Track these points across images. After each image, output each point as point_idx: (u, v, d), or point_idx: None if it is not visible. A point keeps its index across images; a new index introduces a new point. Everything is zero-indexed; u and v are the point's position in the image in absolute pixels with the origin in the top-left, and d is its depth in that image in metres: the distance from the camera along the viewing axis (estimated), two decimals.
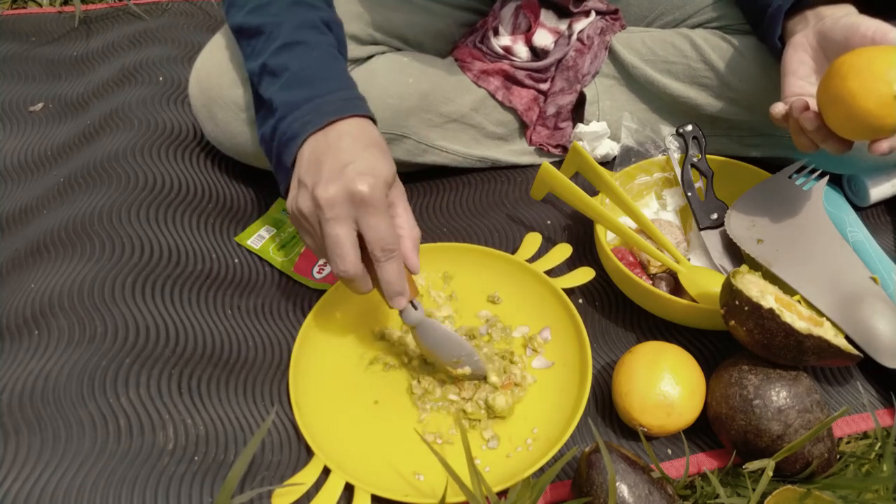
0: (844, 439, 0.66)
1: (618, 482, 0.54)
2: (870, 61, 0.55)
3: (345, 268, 0.57)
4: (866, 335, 0.64)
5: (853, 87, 0.55)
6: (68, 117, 0.96)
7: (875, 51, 0.56)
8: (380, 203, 0.56)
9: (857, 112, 0.55)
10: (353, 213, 0.56)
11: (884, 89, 0.54)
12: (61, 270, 0.73)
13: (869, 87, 0.54)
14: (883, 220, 0.85)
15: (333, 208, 0.56)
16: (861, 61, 0.55)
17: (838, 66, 0.57)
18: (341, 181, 0.56)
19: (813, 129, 0.60)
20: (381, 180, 0.57)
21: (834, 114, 0.58)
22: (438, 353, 0.64)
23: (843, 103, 0.56)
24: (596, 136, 0.88)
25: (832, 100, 0.57)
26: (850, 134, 0.58)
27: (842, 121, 0.57)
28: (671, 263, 0.73)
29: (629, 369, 0.63)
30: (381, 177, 0.57)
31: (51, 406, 0.62)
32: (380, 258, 0.57)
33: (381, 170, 0.57)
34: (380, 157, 0.58)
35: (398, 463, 0.63)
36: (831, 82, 0.57)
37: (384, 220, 0.57)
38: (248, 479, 0.61)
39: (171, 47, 1.04)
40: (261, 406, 0.66)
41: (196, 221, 0.79)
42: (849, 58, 0.56)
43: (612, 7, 0.89)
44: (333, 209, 0.56)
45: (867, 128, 0.56)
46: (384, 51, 0.82)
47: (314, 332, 0.70)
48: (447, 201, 0.87)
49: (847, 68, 0.56)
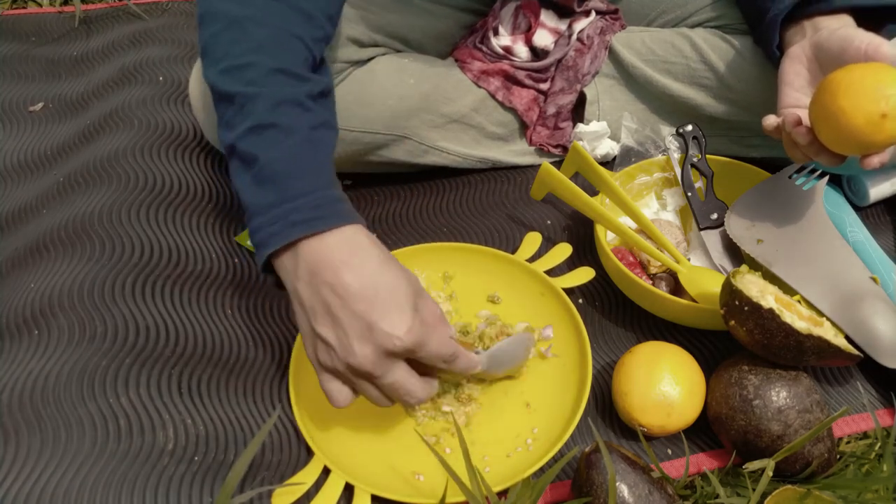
0: (844, 439, 0.66)
1: (618, 482, 0.54)
2: (859, 79, 0.56)
3: (419, 398, 0.54)
4: (866, 335, 0.64)
5: (843, 105, 0.56)
6: (68, 117, 0.96)
7: (865, 68, 0.57)
8: (421, 341, 0.51)
9: (847, 129, 0.56)
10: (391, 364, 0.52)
11: (872, 107, 0.55)
12: (61, 270, 0.73)
13: (858, 105, 0.55)
14: (883, 220, 0.85)
15: (380, 367, 0.52)
16: (851, 79, 0.56)
17: (829, 82, 0.58)
18: (372, 344, 0.50)
19: (805, 143, 0.61)
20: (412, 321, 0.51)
21: (825, 130, 0.59)
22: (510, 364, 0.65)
23: (833, 120, 0.57)
24: (596, 136, 0.88)
25: (823, 116, 0.58)
26: (842, 149, 0.59)
27: (833, 137, 0.58)
28: (671, 263, 0.73)
29: (629, 369, 0.63)
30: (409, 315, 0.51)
31: (51, 406, 0.62)
32: (444, 368, 0.55)
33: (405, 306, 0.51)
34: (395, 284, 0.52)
35: (398, 463, 0.63)
36: (822, 99, 0.58)
37: (432, 346, 0.52)
38: (248, 479, 0.61)
39: (171, 47, 1.04)
40: (261, 406, 0.66)
41: (196, 221, 0.79)
42: (839, 75, 0.57)
43: (612, 7, 0.89)
44: (381, 367, 0.52)
45: (857, 144, 0.57)
46: (385, 52, 0.82)
47: None
48: (447, 201, 0.87)
49: (837, 85, 0.57)
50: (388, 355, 0.51)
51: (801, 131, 0.61)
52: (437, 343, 0.53)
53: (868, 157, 0.58)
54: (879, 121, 0.55)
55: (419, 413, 0.66)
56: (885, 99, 0.54)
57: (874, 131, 0.55)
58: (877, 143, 0.56)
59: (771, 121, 0.65)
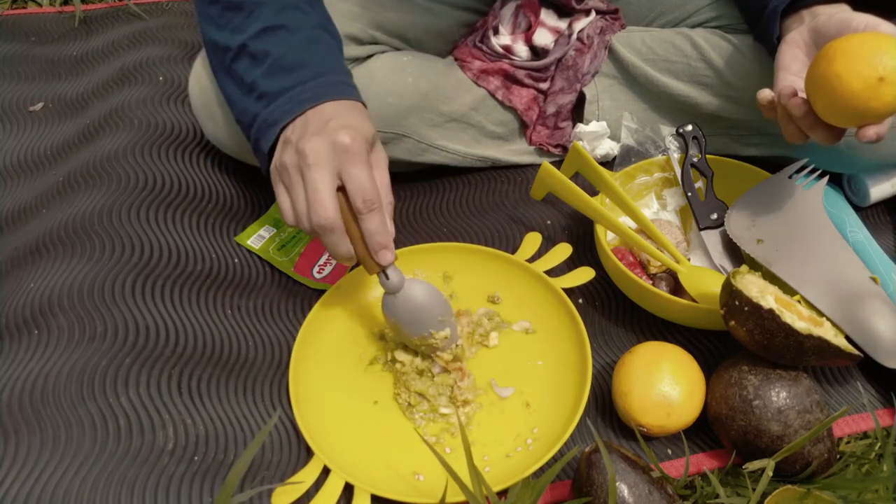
0: (844, 439, 0.66)
1: (618, 482, 0.54)
2: (857, 45, 0.55)
3: (325, 215, 0.57)
4: (866, 335, 0.64)
5: (839, 70, 0.54)
6: (68, 117, 0.96)
7: (863, 35, 0.56)
8: (361, 154, 0.58)
9: (843, 95, 0.55)
10: (336, 162, 0.57)
11: (869, 71, 0.53)
12: (61, 270, 0.73)
13: (854, 69, 0.54)
14: (883, 220, 0.85)
15: (317, 155, 0.57)
16: (848, 45, 0.55)
17: (825, 49, 0.56)
18: (324, 133, 0.58)
19: (800, 115, 0.60)
20: (363, 134, 0.59)
21: (820, 98, 0.57)
22: (422, 317, 0.63)
23: (829, 87, 0.55)
24: (596, 136, 0.88)
25: (819, 83, 0.57)
26: (837, 119, 0.58)
27: (828, 105, 0.57)
28: (671, 263, 0.73)
29: (629, 369, 0.63)
30: (363, 131, 0.59)
31: (51, 406, 0.62)
32: (361, 209, 0.58)
33: (363, 126, 0.60)
34: (360, 117, 0.61)
35: (398, 463, 0.63)
36: (818, 66, 0.57)
37: (366, 171, 0.58)
38: (247, 479, 0.61)
39: (171, 47, 1.04)
40: (261, 406, 0.66)
41: (196, 221, 0.79)
42: (837, 42, 0.56)
43: (612, 6, 0.89)
44: (317, 156, 0.57)
45: (853, 111, 0.56)
46: (384, 50, 0.82)
47: (314, 333, 0.70)
48: (447, 201, 0.87)
49: (834, 51, 0.55)
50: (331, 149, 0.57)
51: (796, 102, 0.60)
52: (368, 175, 0.58)
53: (864, 127, 0.57)
54: (876, 84, 0.53)
55: (417, 416, 0.66)
56: (882, 63, 0.53)
57: (871, 96, 0.54)
58: (874, 111, 0.55)
59: (766, 94, 0.64)
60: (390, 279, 0.61)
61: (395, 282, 0.61)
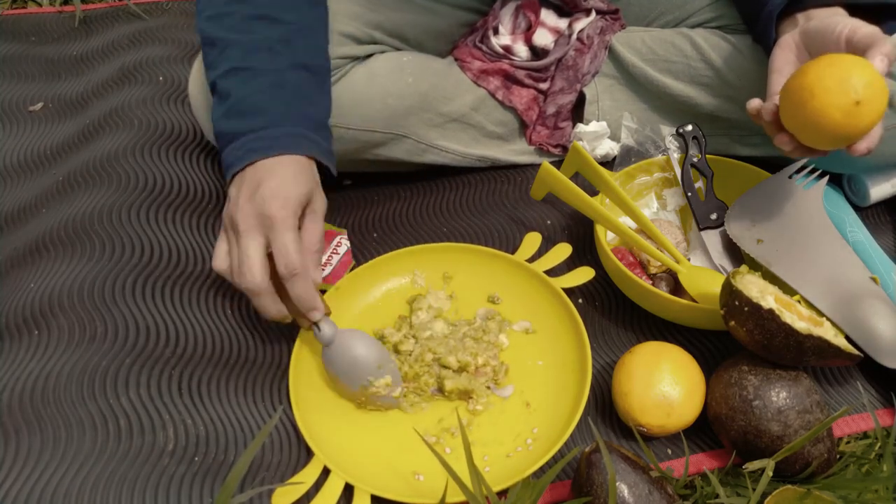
0: (844, 439, 0.66)
1: (618, 482, 0.54)
2: (820, 79, 0.55)
3: (253, 280, 0.59)
4: (866, 335, 0.64)
5: (815, 107, 0.56)
6: (68, 117, 0.96)
7: (818, 66, 0.56)
8: (287, 220, 0.59)
9: (827, 128, 0.56)
10: (263, 229, 0.59)
11: (844, 100, 0.55)
12: (61, 270, 0.73)
13: (830, 101, 0.55)
14: (883, 220, 0.85)
15: (246, 223, 0.59)
16: (810, 81, 0.56)
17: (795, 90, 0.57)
18: (253, 201, 0.59)
19: (790, 150, 0.61)
20: (292, 199, 0.60)
21: (806, 134, 0.59)
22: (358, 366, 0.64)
23: (811, 125, 0.57)
24: (596, 136, 0.88)
25: (800, 125, 0.58)
26: (826, 146, 0.59)
27: (816, 138, 0.58)
28: (671, 263, 0.73)
29: (629, 369, 0.63)
30: (292, 196, 0.60)
31: (51, 406, 0.62)
32: (285, 276, 0.59)
33: (293, 189, 0.60)
34: (297, 177, 0.61)
35: (398, 463, 0.63)
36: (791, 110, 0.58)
37: (289, 238, 0.59)
38: (247, 479, 0.61)
39: (171, 47, 1.04)
40: (261, 406, 0.66)
41: (196, 221, 0.79)
42: (794, 83, 0.57)
43: (612, 7, 0.89)
44: (247, 224, 0.59)
45: (840, 137, 0.57)
46: (383, 50, 0.82)
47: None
48: (447, 201, 0.87)
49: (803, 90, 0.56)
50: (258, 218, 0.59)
51: (783, 140, 0.61)
52: (291, 244, 0.59)
53: (854, 145, 0.58)
54: (855, 109, 0.55)
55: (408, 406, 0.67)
56: (853, 88, 0.54)
57: (854, 122, 0.55)
58: (860, 129, 0.56)
59: (755, 104, 0.65)
60: (322, 331, 0.63)
61: (326, 334, 0.63)
